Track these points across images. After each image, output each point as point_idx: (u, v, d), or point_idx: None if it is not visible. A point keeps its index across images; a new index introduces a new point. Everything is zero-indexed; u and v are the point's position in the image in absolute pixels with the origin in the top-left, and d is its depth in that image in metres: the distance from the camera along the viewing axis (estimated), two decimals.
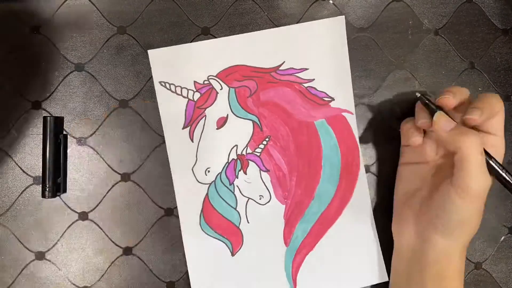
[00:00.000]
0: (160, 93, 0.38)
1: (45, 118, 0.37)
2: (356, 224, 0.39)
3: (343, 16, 0.40)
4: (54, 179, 0.36)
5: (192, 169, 0.38)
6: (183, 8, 0.39)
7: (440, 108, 0.33)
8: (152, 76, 0.39)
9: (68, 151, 0.38)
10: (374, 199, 0.40)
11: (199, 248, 0.38)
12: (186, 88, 0.38)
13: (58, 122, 0.37)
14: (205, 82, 0.39)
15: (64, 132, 0.38)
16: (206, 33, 0.39)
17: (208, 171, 0.38)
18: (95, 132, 0.38)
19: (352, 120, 0.39)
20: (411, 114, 0.40)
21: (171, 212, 0.38)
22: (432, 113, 0.33)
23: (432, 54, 0.41)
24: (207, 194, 0.38)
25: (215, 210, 0.38)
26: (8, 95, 0.38)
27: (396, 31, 0.40)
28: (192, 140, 0.38)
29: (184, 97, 0.38)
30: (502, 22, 0.41)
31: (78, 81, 0.38)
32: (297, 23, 0.40)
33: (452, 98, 0.33)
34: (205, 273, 0.38)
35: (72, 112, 0.38)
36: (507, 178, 0.32)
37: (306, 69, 0.39)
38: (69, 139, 0.38)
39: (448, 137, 0.31)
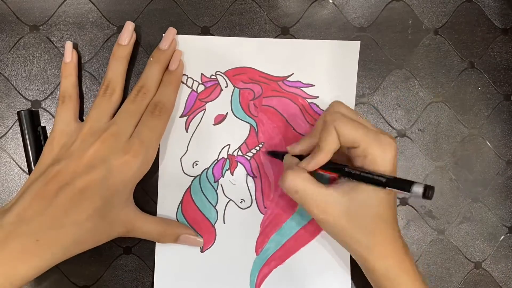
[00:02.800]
0: None
1: (19, 112, 0.36)
2: (331, 249, 0.38)
3: (359, 42, 0.40)
4: None
5: (180, 159, 0.38)
6: (183, 7, 0.39)
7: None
8: None
9: None
10: None
11: None
12: (192, 78, 0.38)
13: (33, 115, 0.37)
14: (212, 76, 0.39)
15: (42, 124, 0.38)
16: (206, 33, 0.39)
17: (196, 164, 0.38)
18: None
19: None
20: (411, 113, 0.40)
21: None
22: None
23: (432, 54, 0.41)
24: (190, 186, 0.38)
25: (194, 204, 0.38)
26: (8, 95, 0.38)
27: (396, 31, 0.40)
28: (186, 130, 0.38)
29: (188, 86, 0.38)
30: (502, 21, 0.42)
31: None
32: (297, 22, 0.40)
33: (293, 148, 0.35)
34: (171, 264, 0.38)
35: None
36: (353, 172, 0.32)
37: (313, 85, 0.39)
38: None
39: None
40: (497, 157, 0.41)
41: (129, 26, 0.36)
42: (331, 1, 0.40)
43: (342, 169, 0.32)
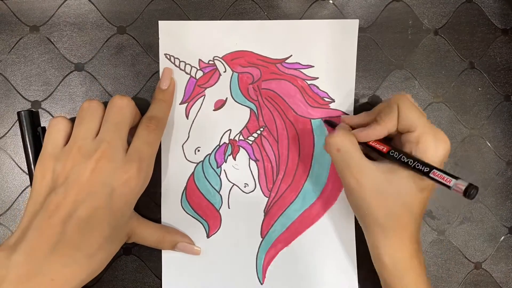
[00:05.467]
0: (164, 65, 0.38)
1: (19, 113, 0.36)
2: (336, 229, 0.39)
3: (357, 20, 0.40)
4: None
5: (182, 146, 0.38)
6: (183, 8, 0.39)
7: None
8: (152, 76, 0.39)
9: None
10: None
11: (176, 225, 0.38)
12: (190, 65, 0.38)
13: (33, 115, 0.37)
14: (210, 62, 0.39)
15: (42, 125, 0.38)
16: None
17: (198, 151, 0.38)
18: None
19: None
20: None
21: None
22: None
23: (432, 54, 0.41)
24: (193, 173, 0.38)
25: (198, 190, 0.38)
26: (8, 95, 0.38)
27: (396, 31, 0.40)
28: (187, 117, 0.38)
29: (186, 73, 0.38)
30: (502, 22, 0.41)
31: (78, 81, 0.38)
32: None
33: (348, 119, 0.37)
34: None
35: (72, 112, 0.38)
36: (402, 160, 0.32)
37: (312, 66, 0.39)
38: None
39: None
40: (497, 158, 0.41)
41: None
42: (331, 1, 0.40)
43: (389, 149, 0.32)
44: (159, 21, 0.38)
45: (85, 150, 0.31)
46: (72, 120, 0.34)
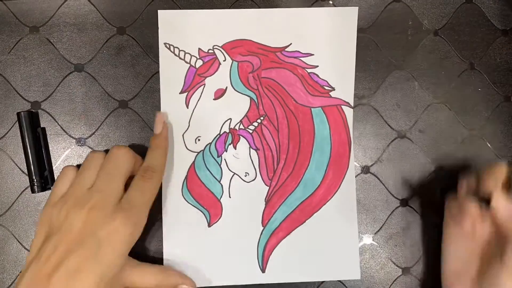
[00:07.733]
0: (163, 54, 0.38)
1: (18, 114, 0.36)
2: (338, 218, 0.39)
3: (357, 8, 0.40)
4: (41, 173, 0.36)
5: (183, 135, 0.38)
6: (183, 8, 0.39)
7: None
8: (152, 76, 0.39)
9: (67, 151, 0.38)
10: (373, 199, 0.40)
11: (177, 214, 0.38)
12: (189, 54, 0.38)
13: (33, 116, 0.37)
14: (210, 51, 0.39)
15: (42, 125, 0.38)
16: None
17: (198, 140, 0.38)
18: (94, 132, 0.38)
19: (349, 113, 0.39)
20: (411, 114, 0.40)
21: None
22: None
23: (431, 55, 0.41)
24: (193, 162, 0.38)
25: (199, 180, 0.38)
26: (8, 96, 0.38)
27: (396, 32, 0.40)
28: (187, 106, 0.38)
29: (186, 62, 0.38)
30: (502, 22, 0.41)
31: (77, 81, 0.38)
32: None
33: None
34: (179, 239, 0.38)
35: (72, 112, 0.38)
36: None
37: (312, 54, 0.39)
38: (69, 139, 0.38)
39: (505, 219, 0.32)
40: (497, 158, 0.41)
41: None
42: (331, 2, 0.40)
43: None
44: (159, 11, 0.38)
45: (80, 199, 0.32)
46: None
